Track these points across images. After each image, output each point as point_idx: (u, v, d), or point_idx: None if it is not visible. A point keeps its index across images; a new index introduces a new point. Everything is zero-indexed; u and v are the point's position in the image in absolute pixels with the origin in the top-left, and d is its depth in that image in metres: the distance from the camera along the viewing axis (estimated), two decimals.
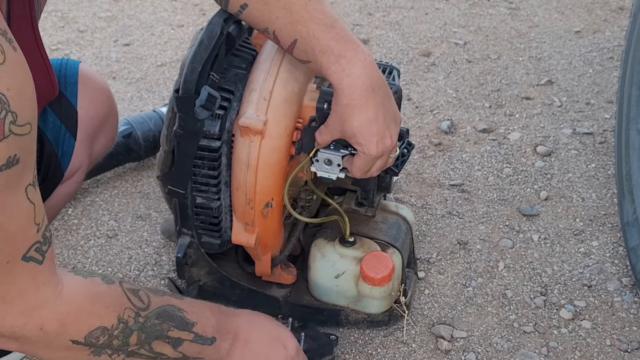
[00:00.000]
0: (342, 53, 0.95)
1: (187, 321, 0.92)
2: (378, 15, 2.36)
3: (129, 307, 0.86)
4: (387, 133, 0.99)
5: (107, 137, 1.30)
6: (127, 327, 0.86)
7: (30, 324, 0.78)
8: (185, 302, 0.95)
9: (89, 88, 1.21)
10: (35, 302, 0.78)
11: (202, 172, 1.09)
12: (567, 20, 2.30)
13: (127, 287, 0.88)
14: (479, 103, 1.88)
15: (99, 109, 1.24)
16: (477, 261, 1.39)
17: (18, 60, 0.67)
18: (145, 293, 0.90)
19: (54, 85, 1.05)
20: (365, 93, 0.95)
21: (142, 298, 0.88)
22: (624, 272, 1.36)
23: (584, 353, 1.21)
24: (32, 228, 0.75)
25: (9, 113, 0.65)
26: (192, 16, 2.37)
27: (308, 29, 0.95)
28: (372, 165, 1.02)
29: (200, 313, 0.96)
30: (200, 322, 0.94)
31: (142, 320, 0.87)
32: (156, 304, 0.90)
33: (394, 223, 1.26)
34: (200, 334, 0.94)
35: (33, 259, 0.76)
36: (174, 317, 0.91)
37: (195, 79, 1.02)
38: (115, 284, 0.87)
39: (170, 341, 0.91)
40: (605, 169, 1.62)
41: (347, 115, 0.97)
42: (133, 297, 0.87)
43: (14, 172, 0.68)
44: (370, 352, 1.21)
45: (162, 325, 0.89)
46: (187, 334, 0.92)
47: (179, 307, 0.93)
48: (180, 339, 0.92)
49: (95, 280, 0.85)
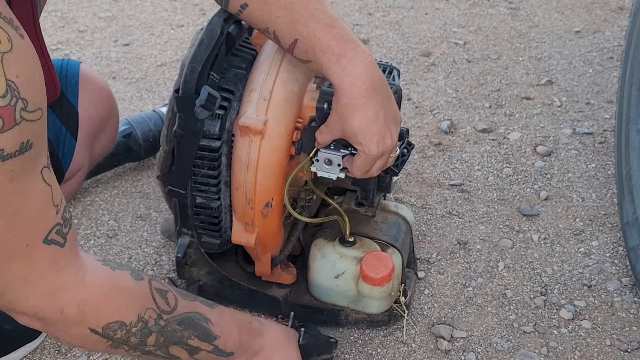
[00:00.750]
0: (343, 53, 0.95)
1: (210, 333, 0.92)
2: (378, 15, 2.36)
3: (152, 307, 0.85)
4: (388, 133, 0.99)
5: (108, 137, 1.29)
6: (146, 327, 0.85)
7: (52, 307, 0.79)
8: (215, 312, 0.94)
9: (89, 89, 1.20)
10: (56, 286, 0.78)
11: (203, 172, 1.09)
12: (567, 20, 2.30)
13: (156, 287, 0.87)
14: (479, 103, 1.88)
15: (99, 110, 1.24)
16: (477, 261, 1.39)
17: (26, 47, 0.67)
18: (174, 296, 0.89)
19: (56, 85, 1.05)
20: (366, 93, 0.95)
21: (169, 300, 0.87)
22: (624, 272, 1.36)
23: (584, 353, 1.21)
24: (51, 210, 0.75)
25: (19, 100, 0.65)
26: (192, 16, 2.37)
27: (309, 29, 0.95)
28: (372, 165, 1.02)
29: (226, 328, 0.95)
30: (224, 337, 0.94)
31: (163, 324, 0.86)
32: (183, 309, 0.89)
33: (394, 223, 1.26)
34: (220, 348, 0.94)
35: (55, 242, 0.76)
36: (198, 327, 0.90)
37: (195, 79, 1.02)
38: (144, 281, 0.86)
39: (189, 349, 0.91)
40: (605, 169, 1.62)
41: (348, 115, 0.97)
42: (159, 298, 0.86)
43: (27, 157, 0.69)
44: (370, 352, 1.21)
45: (183, 332, 0.89)
46: (207, 345, 0.92)
47: (207, 317, 0.92)
48: (199, 348, 0.92)
49: (124, 274, 0.84)
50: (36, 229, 0.74)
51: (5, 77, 0.64)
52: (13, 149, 0.66)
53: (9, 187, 0.68)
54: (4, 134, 0.65)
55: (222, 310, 0.97)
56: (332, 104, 0.99)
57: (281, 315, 1.25)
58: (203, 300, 0.95)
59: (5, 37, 0.65)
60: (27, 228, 0.73)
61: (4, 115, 0.64)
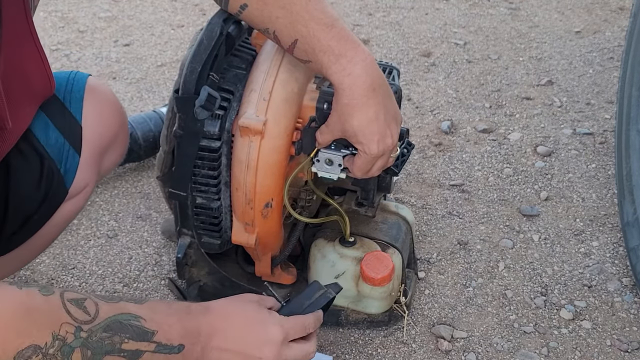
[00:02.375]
0: (343, 52, 0.95)
1: (145, 330, 0.83)
2: (378, 15, 2.36)
3: (67, 321, 0.77)
4: (388, 132, 0.99)
5: (116, 154, 1.23)
6: (65, 344, 0.77)
7: None
8: (145, 307, 0.85)
9: (98, 103, 1.14)
10: None
11: (202, 173, 1.09)
12: (567, 20, 2.30)
13: (70, 298, 0.79)
14: (479, 103, 1.88)
15: (108, 127, 1.17)
16: (478, 261, 1.39)
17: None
18: (93, 302, 0.80)
19: (50, 80, 1.02)
20: (366, 92, 0.95)
21: (88, 309, 0.79)
22: (624, 272, 1.36)
23: (584, 353, 1.21)
24: None
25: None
26: (192, 16, 2.37)
27: (308, 29, 0.95)
28: (373, 164, 1.02)
29: (162, 320, 0.86)
30: (162, 329, 0.85)
31: (84, 335, 0.78)
32: (106, 313, 0.81)
33: (394, 223, 1.26)
34: (164, 343, 0.85)
35: None
36: (128, 328, 0.82)
37: (195, 80, 1.02)
38: (55, 295, 0.78)
39: (127, 354, 0.82)
40: (605, 169, 1.62)
41: (348, 115, 0.97)
42: (75, 309, 0.78)
43: None
44: (370, 352, 1.21)
45: (112, 338, 0.80)
46: (146, 344, 0.83)
47: (137, 314, 0.83)
48: (138, 350, 0.83)
49: (31, 291, 0.76)
50: None
51: None
52: None
53: None
54: None
55: (153, 303, 0.88)
56: (332, 104, 0.99)
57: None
58: (130, 298, 0.87)
59: None
60: None
61: None
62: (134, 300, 0.85)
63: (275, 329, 0.93)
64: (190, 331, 0.88)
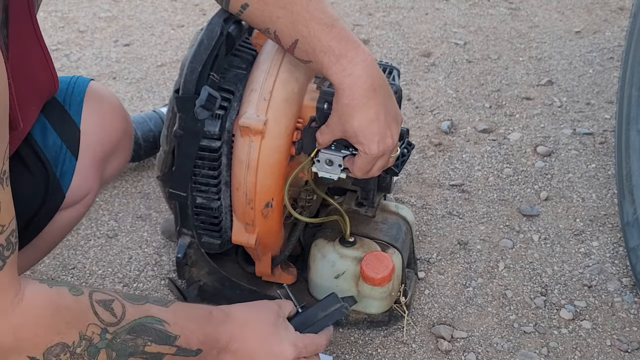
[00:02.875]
0: (343, 53, 0.95)
1: (168, 334, 0.86)
2: (378, 15, 2.36)
3: (94, 322, 0.79)
4: (388, 133, 0.99)
5: (119, 160, 1.20)
6: (91, 345, 0.79)
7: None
8: (169, 311, 0.88)
9: (100, 108, 1.12)
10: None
11: (202, 172, 1.09)
12: (567, 20, 2.30)
13: (98, 299, 0.80)
14: (479, 103, 1.88)
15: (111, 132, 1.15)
16: (477, 261, 1.39)
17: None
18: (120, 304, 0.82)
19: (54, 79, 1.02)
20: (366, 93, 0.95)
21: (115, 311, 0.81)
22: (624, 272, 1.36)
23: (584, 353, 1.21)
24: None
25: None
26: (192, 16, 2.37)
27: (309, 29, 0.95)
28: (373, 165, 1.02)
29: (185, 325, 0.89)
30: (184, 335, 0.88)
31: (109, 337, 0.80)
32: (132, 316, 0.83)
33: (394, 223, 1.26)
34: (183, 347, 0.88)
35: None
36: (152, 331, 0.84)
37: (195, 79, 1.02)
38: (84, 295, 0.80)
39: (149, 356, 0.85)
40: (605, 169, 1.62)
41: (348, 115, 0.97)
42: (102, 310, 0.80)
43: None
44: (370, 352, 1.21)
45: (135, 341, 0.82)
46: (168, 348, 0.86)
47: (161, 318, 0.86)
48: (160, 353, 0.85)
49: (61, 290, 0.78)
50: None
51: None
52: None
53: None
54: None
55: (177, 306, 0.90)
56: (333, 104, 0.99)
57: None
58: (156, 301, 0.88)
59: None
60: None
61: None
62: (159, 302, 0.88)
63: (289, 348, 0.97)
64: (209, 337, 0.91)
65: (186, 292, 1.24)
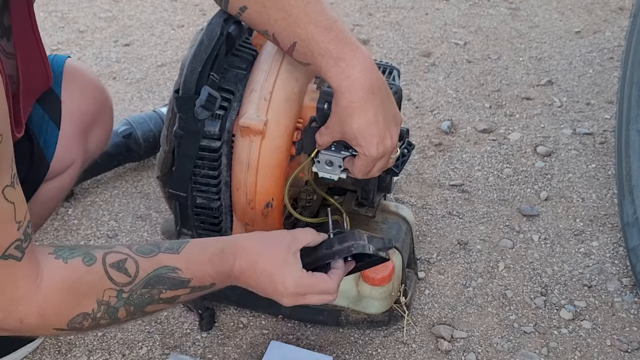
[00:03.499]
0: (341, 55, 0.94)
1: (182, 280, 0.89)
2: (378, 15, 2.36)
3: (109, 287, 0.83)
4: (388, 134, 0.98)
5: (102, 132, 1.26)
6: (109, 307, 0.84)
7: (10, 318, 0.79)
8: (182, 257, 0.90)
9: (78, 82, 1.18)
10: (13, 297, 0.78)
11: (203, 173, 1.09)
12: (567, 20, 2.30)
13: (111, 262, 0.84)
14: (479, 103, 1.88)
15: (90, 103, 1.21)
16: (477, 261, 1.39)
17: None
18: (133, 262, 0.86)
19: (48, 75, 1.03)
20: (365, 95, 0.95)
21: (129, 270, 0.85)
22: (624, 272, 1.36)
23: (584, 353, 1.21)
24: (12, 226, 0.76)
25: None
26: (192, 16, 2.37)
27: (307, 32, 0.95)
28: (373, 166, 1.02)
29: (197, 268, 0.92)
30: (196, 277, 0.91)
31: (126, 296, 0.85)
32: (145, 271, 0.86)
33: (394, 223, 1.26)
34: (197, 286, 0.92)
35: (12, 256, 0.76)
36: (166, 279, 0.88)
37: (195, 79, 1.02)
38: (97, 262, 0.84)
39: (165, 301, 0.89)
40: (605, 169, 1.62)
41: (347, 117, 0.97)
42: (116, 273, 0.84)
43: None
44: (370, 352, 1.21)
45: (151, 292, 0.87)
46: (182, 290, 0.90)
47: (174, 266, 0.89)
48: (176, 296, 0.90)
49: (76, 263, 0.83)
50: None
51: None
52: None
53: None
54: None
55: (189, 250, 0.92)
56: (332, 106, 0.99)
57: (281, 315, 1.25)
58: (167, 248, 0.91)
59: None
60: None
61: None
62: (170, 249, 0.90)
63: (290, 285, 0.97)
64: (221, 273, 0.95)
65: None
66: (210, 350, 1.21)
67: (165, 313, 1.27)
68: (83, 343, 1.22)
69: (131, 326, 1.25)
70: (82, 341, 1.22)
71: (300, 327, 1.25)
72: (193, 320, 1.26)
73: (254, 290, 1.00)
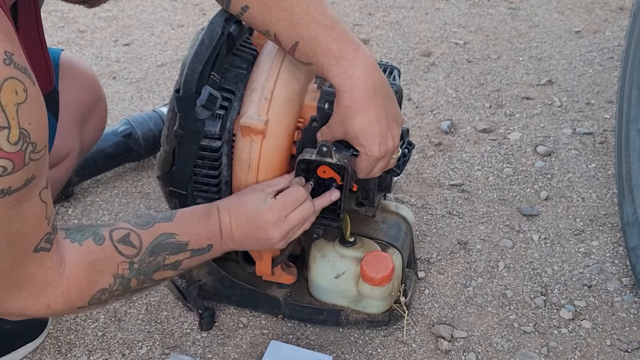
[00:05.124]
0: (343, 55, 0.95)
1: (180, 244, 0.95)
2: (378, 15, 2.36)
3: (122, 261, 0.89)
4: (389, 134, 0.99)
5: (96, 122, 1.32)
6: (124, 279, 0.90)
7: (39, 304, 0.84)
8: (175, 223, 0.96)
9: (74, 74, 1.23)
10: (42, 284, 0.83)
11: (203, 172, 1.09)
12: (567, 20, 2.30)
13: (117, 238, 0.90)
14: (479, 103, 1.88)
15: (86, 94, 1.26)
16: (477, 261, 1.39)
17: (37, 94, 0.73)
18: (135, 235, 0.91)
19: (50, 78, 1.06)
20: (367, 95, 0.96)
21: (133, 242, 0.91)
22: (624, 272, 1.36)
23: (584, 353, 1.21)
24: (43, 223, 0.80)
25: (29, 145, 0.72)
26: (192, 16, 2.37)
27: (309, 32, 0.95)
28: (374, 166, 1.02)
29: (191, 230, 0.97)
30: (193, 238, 0.97)
31: (137, 266, 0.91)
32: (147, 241, 0.92)
33: (394, 223, 1.26)
34: (196, 248, 0.97)
35: (43, 249, 0.81)
36: (167, 246, 0.94)
37: (196, 79, 1.02)
38: (106, 240, 0.89)
39: (169, 267, 0.95)
40: (605, 169, 1.62)
41: (349, 117, 0.97)
42: (124, 247, 0.90)
43: (30, 187, 0.75)
44: (370, 352, 1.21)
45: (156, 259, 0.92)
46: (183, 254, 0.95)
47: (171, 232, 0.95)
48: (178, 261, 0.95)
49: (89, 244, 0.88)
50: (30, 241, 0.80)
51: (19, 126, 0.70)
52: (19, 184, 0.73)
53: (11, 212, 0.74)
54: (13, 175, 0.71)
55: (180, 216, 0.98)
56: (334, 106, 0.99)
57: (281, 314, 1.25)
58: (161, 218, 0.96)
59: (22, 87, 0.70)
60: (22, 242, 0.79)
61: (14, 159, 0.70)
62: (164, 218, 0.96)
63: (267, 215, 1.01)
64: (213, 232, 1.00)
65: (186, 292, 1.24)
66: (210, 350, 1.21)
67: (166, 313, 1.27)
68: (83, 343, 1.22)
69: (131, 326, 1.25)
70: (82, 341, 1.22)
71: (300, 327, 1.25)
72: (193, 320, 1.26)
73: (246, 247, 1.06)
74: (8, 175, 0.70)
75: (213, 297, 1.26)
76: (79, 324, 1.25)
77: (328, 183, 1.06)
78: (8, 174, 0.70)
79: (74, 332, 1.24)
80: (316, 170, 1.05)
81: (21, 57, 0.71)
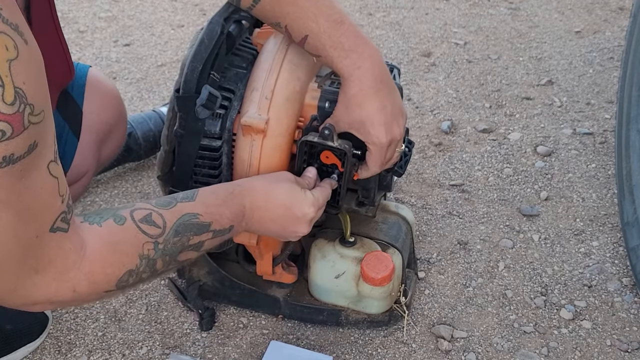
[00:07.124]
0: (353, 48, 0.99)
1: (203, 224, 0.93)
2: (378, 15, 2.36)
3: (147, 240, 0.86)
4: (395, 123, 1.02)
5: (115, 142, 1.32)
6: (150, 259, 0.87)
7: (63, 289, 0.81)
8: (198, 203, 0.94)
9: (99, 92, 1.22)
10: (63, 268, 0.80)
11: (203, 172, 1.08)
12: (567, 20, 2.30)
13: (140, 217, 0.87)
14: (479, 103, 1.88)
15: (109, 114, 1.26)
16: (477, 261, 1.39)
17: (30, 52, 0.69)
18: (158, 214, 0.89)
19: (70, 68, 1.07)
20: (375, 84, 0.99)
21: (157, 222, 0.88)
22: (624, 272, 1.36)
23: (584, 353, 1.21)
24: (57, 200, 0.77)
25: (27, 106, 0.68)
26: (192, 16, 2.37)
27: (318, 25, 0.98)
28: (385, 155, 1.04)
29: (214, 210, 0.95)
30: (215, 219, 0.94)
31: (162, 247, 0.88)
32: (171, 221, 0.89)
33: (394, 223, 1.26)
34: (218, 229, 0.95)
35: (60, 229, 0.78)
36: (191, 226, 0.91)
37: (195, 79, 1.02)
38: (128, 220, 0.86)
39: (193, 247, 0.93)
40: (605, 169, 1.62)
41: (356, 105, 1.00)
42: (147, 226, 0.87)
43: (34, 155, 0.71)
44: (370, 352, 1.21)
45: (181, 240, 0.90)
46: (206, 235, 0.93)
47: (194, 212, 0.92)
48: (201, 241, 0.93)
49: (110, 225, 0.85)
50: (44, 220, 0.76)
51: (14, 84, 0.66)
52: (22, 152, 0.69)
53: (19, 185, 0.71)
54: (14, 140, 0.67)
55: (202, 196, 0.95)
56: (339, 96, 1.02)
57: (281, 315, 1.25)
58: (183, 197, 0.94)
59: (12, 43, 0.66)
60: (36, 220, 0.75)
61: (13, 122, 0.66)
62: (185, 198, 0.93)
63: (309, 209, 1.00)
64: (235, 213, 0.97)
65: (186, 292, 1.24)
66: (210, 350, 1.21)
67: (166, 313, 1.27)
68: (83, 343, 1.22)
69: (131, 326, 1.25)
70: (82, 341, 1.22)
71: (300, 327, 1.25)
72: (193, 320, 1.26)
73: (265, 232, 1.03)
74: (8, 140, 0.67)
75: (213, 297, 1.26)
76: (79, 324, 1.25)
77: (330, 170, 1.07)
78: (8, 139, 0.66)
79: (74, 332, 1.24)
80: (319, 155, 1.05)
81: (12, 13, 0.67)
